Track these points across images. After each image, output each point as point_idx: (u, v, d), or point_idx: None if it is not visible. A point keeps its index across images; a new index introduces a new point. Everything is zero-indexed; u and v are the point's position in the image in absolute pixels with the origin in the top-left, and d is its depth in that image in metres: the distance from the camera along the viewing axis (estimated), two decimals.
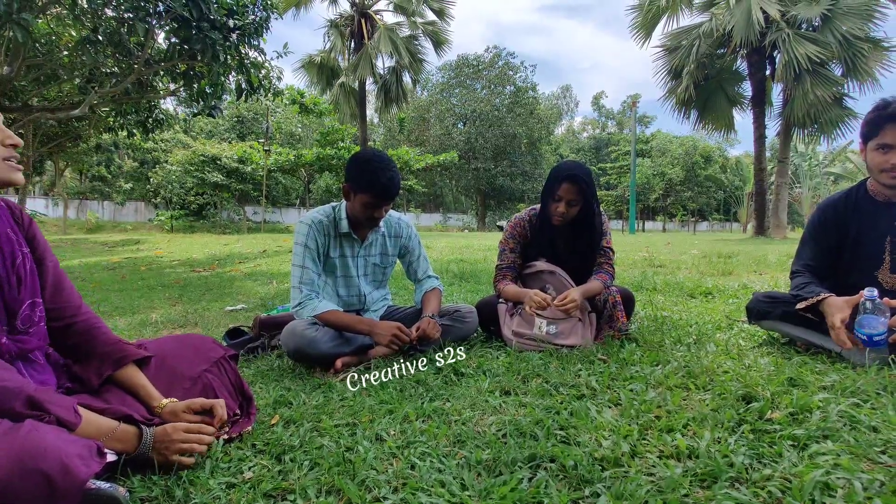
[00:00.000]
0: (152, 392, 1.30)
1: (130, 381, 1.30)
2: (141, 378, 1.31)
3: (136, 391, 1.29)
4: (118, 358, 1.29)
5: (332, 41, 18.46)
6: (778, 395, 1.51)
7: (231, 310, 3.81)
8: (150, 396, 1.30)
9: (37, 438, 0.91)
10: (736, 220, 43.84)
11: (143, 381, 1.31)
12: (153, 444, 1.18)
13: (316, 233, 2.19)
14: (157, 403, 1.29)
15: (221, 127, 33.08)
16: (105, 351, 1.29)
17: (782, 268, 5.32)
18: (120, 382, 1.29)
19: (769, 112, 15.11)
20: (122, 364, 1.29)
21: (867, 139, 2.02)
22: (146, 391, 1.30)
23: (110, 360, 1.28)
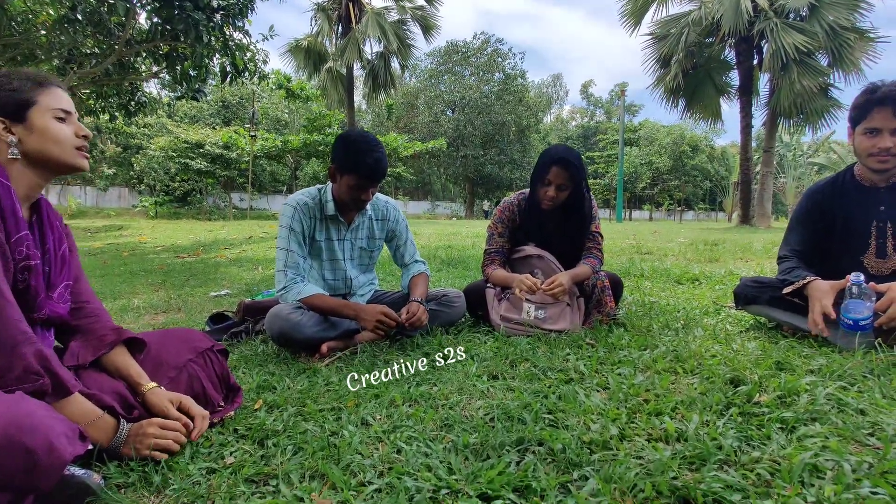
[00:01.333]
0: (140, 374, 1.31)
1: (120, 363, 1.31)
2: (130, 361, 1.33)
3: (126, 372, 1.30)
4: (113, 340, 1.33)
5: (319, 25, 18.16)
6: (766, 378, 1.51)
7: (215, 295, 3.76)
8: (138, 375, 1.30)
9: (26, 411, 0.91)
10: (721, 210, 44.28)
11: (133, 364, 1.33)
12: (126, 439, 1.16)
13: (301, 215, 2.15)
14: (145, 386, 1.28)
15: (206, 112, 32.51)
16: (104, 332, 1.34)
17: (768, 255, 5.36)
18: (110, 364, 1.31)
19: (756, 101, 15.19)
20: (117, 342, 1.33)
21: (855, 123, 2.02)
22: (135, 372, 1.31)
23: (107, 339, 1.33)
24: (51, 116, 1.22)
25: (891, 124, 1.90)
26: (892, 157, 1.92)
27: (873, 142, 1.94)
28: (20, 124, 1.19)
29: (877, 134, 1.93)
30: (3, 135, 1.18)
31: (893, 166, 1.95)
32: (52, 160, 1.23)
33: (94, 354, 1.29)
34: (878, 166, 1.96)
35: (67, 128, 1.25)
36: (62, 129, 1.24)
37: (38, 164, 1.22)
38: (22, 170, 1.20)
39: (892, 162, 1.93)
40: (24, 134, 1.19)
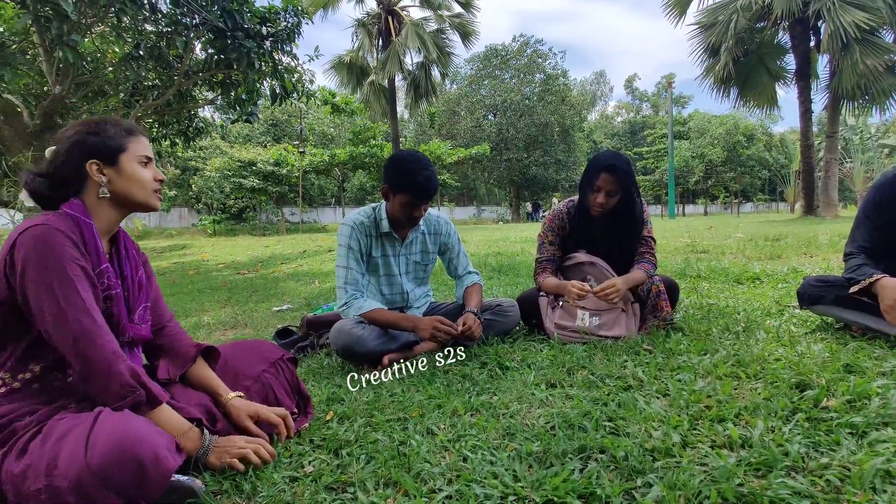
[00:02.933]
0: (220, 387, 1.43)
1: (202, 376, 1.45)
2: (210, 373, 1.47)
3: (208, 384, 1.43)
4: (195, 354, 1.46)
5: (360, 40, 18.62)
6: (834, 382, 1.48)
7: (278, 310, 3.94)
8: (218, 387, 1.43)
9: (135, 427, 1.04)
10: (783, 200, 42.02)
11: (213, 375, 1.46)
12: (212, 448, 1.27)
13: (358, 234, 2.25)
14: (224, 398, 1.41)
15: (257, 131, 33.86)
16: (185, 350, 1.47)
17: (835, 249, 5.11)
18: (193, 377, 1.44)
19: (815, 85, 14.43)
20: (198, 354, 1.46)
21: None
22: (215, 383, 1.44)
23: (190, 354, 1.46)
24: (137, 162, 1.35)
25: None
26: None
27: None
28: (112, 167, 1.32)
29: None
30: (96, 176, 1.30)
31: None
32: (134, 201, 1.35)
33: (181, 369, 1.43)
34: None
35: (148, 172, 1.38)
36: (145, 174, 1.37)
37: (121, 204, 1.35)
38: (106, 208, 1.33)
39: None
40: (114, 176, 1.32)
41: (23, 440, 1.05)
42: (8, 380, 1.17)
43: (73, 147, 1.29)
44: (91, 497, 0.96)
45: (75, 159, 1.29)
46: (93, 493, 0.96)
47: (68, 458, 0.97)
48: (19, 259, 1.13)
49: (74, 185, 1.30)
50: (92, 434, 1.00)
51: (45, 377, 1.21)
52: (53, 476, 0.96)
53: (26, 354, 1.19)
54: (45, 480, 0.96)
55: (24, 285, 1.13)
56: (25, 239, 1.14)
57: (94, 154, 1.30)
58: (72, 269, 1.16)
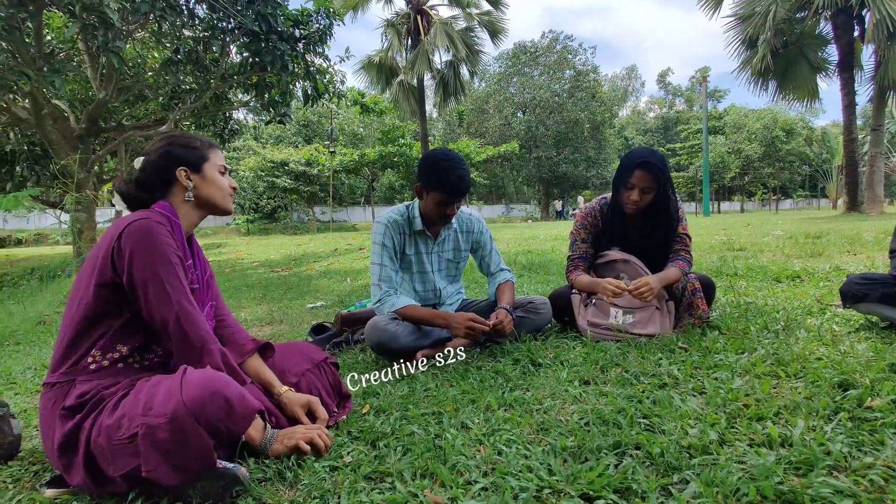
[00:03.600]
0: (274, 380, 1.53)
1: (257, 369, 1.54)
2: (264, 367, 1.56)
3: (262, 377, 1.52)
4: (252, 348, 1.57)
5: (389, 40, 18.75)
6: (878, 381, 1.44)
7: (312, 307, 4.03)
8: (272, 382, 1.52)
9: (220, 376, 1.20)
10: (824, 197, 40.55)
11: (267, 369, 1.56)
12: (275, 440, 1.34)
13: (392, 232, 2.29)
14: (278, 389, 1.50)
15: (289, 132, 34.52)
16: (243, 342, 1.58)
17: (880, 246, 4.92)
18: (248, 369, 1.53)
19: (859, 77, 13.85)
20: (256, 348, 1.57)
21: None
22: (269, 377, 1.53)
23: (248, 347, 1.57)
24: (216, 170, 1.52)
25: None
26: None
27: None
28: (197, 174, 1.48)
29: None
30: (184, 181, 1.46)
31: None
32: (214, 204, 1.51)
33: (240, 358, 1.52)
34: None
35: (226, 180, 1.55)
36: (224, 181, 1.54)
37: (203, 207, 1.51)
38: (189, 210, 1.48)
39: None
40: (199, 182, 1.48)
41: (114, 399, 1.18)
42: (98, 357, 1.28)
43: (163, 156, 1.45)
44: (184, 433, 1.07)
45: (165, 166, 1.45)
46: (186, 427, 1.07)
47: (164, 398, 1.10)
48: (127, 246, 1.25)
49: (162, 189, 1.45)
50: (184, 379, 1.14)
51: (130, 357, 1.33)
52: (149, 415, 1.08)
53: (117, 334, 1.30)
54: (140, 420, 1.08)
55: (131, 270, 1.25)
56: (133, 229, 1.26)
57: (183, 162, 1.46)
58: (173, 257, 1.31)
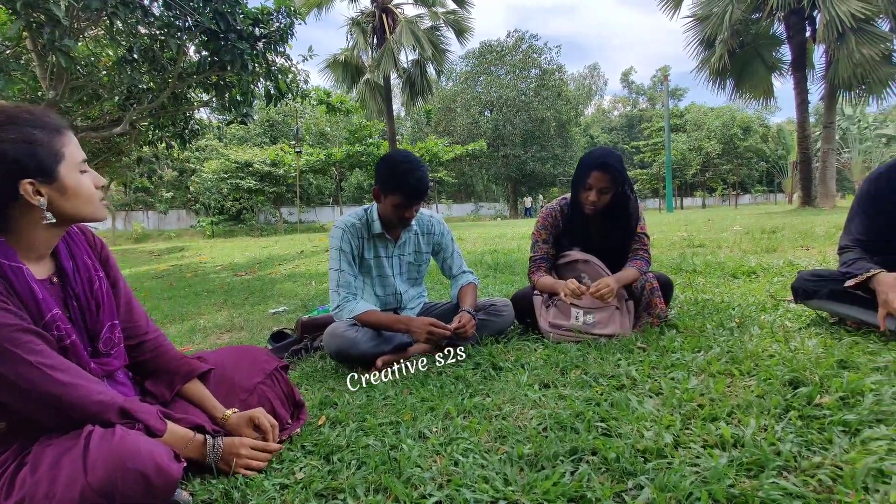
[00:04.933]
0: (216, 404, 1.39)
1: (196, 393, 1.39)
2: (204, 391, 1.41)
3: (201, 403, 1.38)
4: (186, 372, 1.38)
5: (354, 39, 18.56)
6: (827, 378, 1.47)
7: (274, 312, 3.93)
8: (214, 408, 1.39)
9: (129, 442, 1.01)
10: (781, 192, 42.04)
11: (207, 393, 1.41)
12: (222, 454, 1.26)
13: (350, 236, 2.24)
14: (221, 414, 1.38)
15: (253, 132, 33.84)
16: (173, 366, 1.37)
17: (831, 241, 5.10)
18: (186, 395, 1.38)
19: (811, 75, 14.41)
20: (189, 378, 1.38)
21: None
22: (210, 403, 1.39)
23: (179, 374, 1.37)
24: (77, 171, 1.10)
25: None
26: None
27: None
28: (50, 184, 1.04)
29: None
30: (32, 199, 1.01)
31: None
32: (82, 219, 1.13)
33: (171, 391, 1.36)
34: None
35: (89, 179, 1.13)
36: (89, 185, 1.13)
37: (65, 224, 1.13)
38: (41, 231, 1.08)
39: None
40: (56, 195, 1.05)
41: (7, 475, 0.99)
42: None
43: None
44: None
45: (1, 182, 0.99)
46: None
47: (67, 482, 0.93)
48: None
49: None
50: (88, 456, 0.96)
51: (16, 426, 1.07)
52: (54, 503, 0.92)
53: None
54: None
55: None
56: None
57: (27, 171, 1.01)
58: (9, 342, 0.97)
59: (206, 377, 1.45)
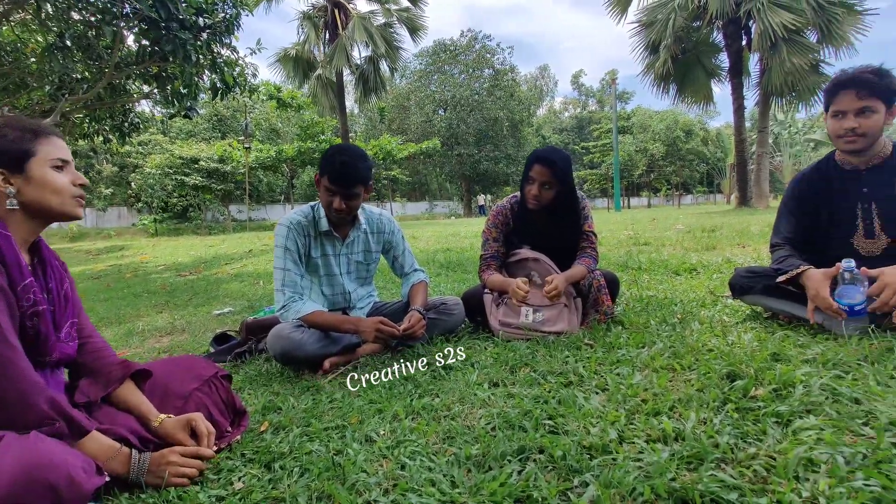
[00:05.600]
0: (150, 408, 1.33)
1: (129, 398, 1.33)
2: (139, 395, 1.35)
3: (135, 407, 1.32)
4: (121, 376, 1.34)
5: (305, 33, 18.18)
6: (762, 371, 1.53)
7: (218, 314, 3.78)
8: (148, 412, 1.33)
9: (43, 450, 0.97)
10: (720, 192, 44.19)
11: (141, 398, 1.35)
12: (148, 468, 1.19)
13: (295, 234, 2.17)
14: (154, 420, 1.31)
15: (200, 126, 32.62)
16: (110, 368, 1.35)
17: (765, 239, 5.37)
18: (119, 399, 1.33)
19: (747, 82, 15.18)
20: (125, 377, 1.34)
21: (826, 108, 2.06)
22: (145, 407, 1.33)
23: (115, 375, 1.34)
24: (49, 167, 1.24)
25: (854, 105, 1.93)
26: (859, 137, 1.95)
27: (840, 123, 1.98)
28: (19, 175, 1.21)
29: (842, 116, 1.97)
30: (1, 186, 1.19)
31: (862, 146, 1.97)
32: (49, 211, 1.25)
33: (104, 391, 1.31)
34: (847, 147, 2.00)
35: (65, 177, 1.27)
36: (60, 180, 1.25)
37: (37, 214, 1.25)
38: (20, 219, 1.22)
39: (860, 142, 1.96)
40: (23, 185, 1.21)
41: None
42: None
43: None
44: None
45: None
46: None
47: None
48: None
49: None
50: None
51: None
52: None
53: None
54: None
55: None
56: None
57: None
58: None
59: (142, 381, 1.39)
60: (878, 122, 1.93)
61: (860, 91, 1.92)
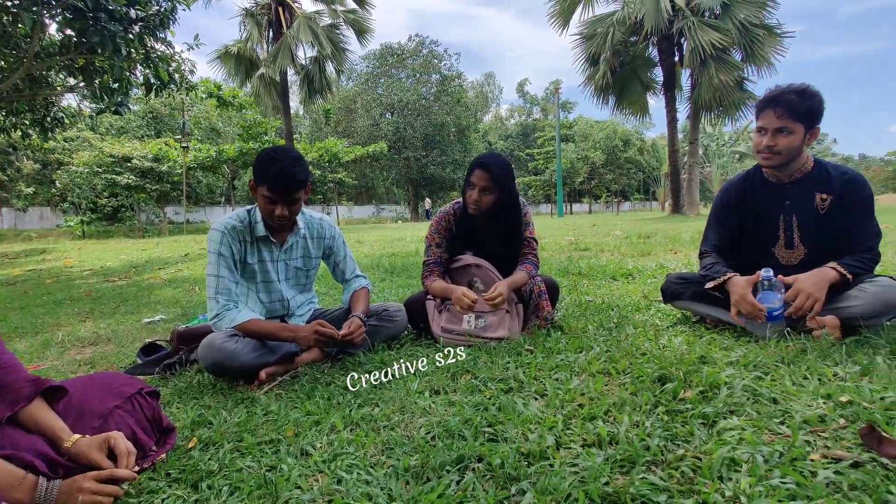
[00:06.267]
0: (63, 428, 1.23)
1: (39, 417, 1.23)
2: (50, 414, 1.25)
3: (46, 427, 1.22)
4: (30, 394, 1.23)
5: (248, 31, 17.60)
6: (690, 374, 1.59)
7: (149, 322, 3.58)
8: (60, 433, 1.22)
9: None
10: (655, 199, 46.40)
11: (52, 417, 1.25)
12: (57, 497, 1.10)
13: (230, 239, 2.08)
14: (67, 441, 1.21)
15: (134, 124, 30.95)
16: (19, 385, 1.23)
17: (695, 245, 5.66)
18: (28, 419, 1.22)
19: (679, 96, 16.01)
20: (35, 394, 1.23)
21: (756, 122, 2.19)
22: (57, 427, 1.23)
23: (24, 393, 1.22)
24: None
25: (774, 124, 2.05)
26: (774, 155, 2.07)
27: (760, 139, 2.10)
28: None
29: (764, 133, 2.09)
30: None
31: (777, 163, 2.10)
32: None
33: (9, 410, 1.20)
34: (764, 162, 2.13)
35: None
36: None
37: None
38: None
39: (775, 159, 2.08)
40: None
41: None
42: None
43: None
44: None
45: None
46: None
47: None
48: None
49: None
50: None
51: None
52: None
53: None
54: None
55: None
56: None
57: None
58: None
59: (55, 399, 1.28)
60: (793, 141, 2.04)
61: (781, 111, 2.03)
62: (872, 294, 1.90)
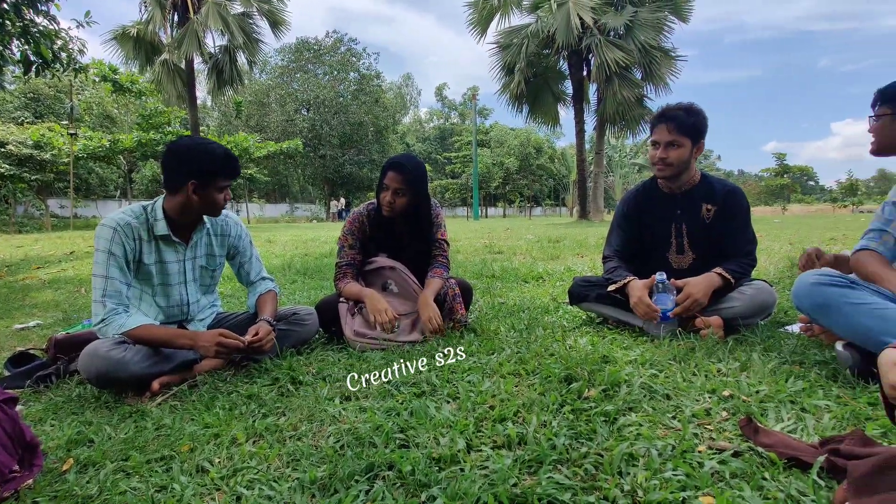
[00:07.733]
0: None
1: None
2: None
3: None
4: None
5: (150, 12, 16.34)
6: (594, 373, 1.66)
7: (21, 328, 3.19)
8: None
9: None
10: (564, 205, 48.77)
11: None
12: None
13: (123, 237, 1.90)
14: None
15: (10, 105, 27.63)
16: None
17: (599, 249, 5.98)
18: None
19: (587, 108, 16.97)
20: None
21: (650, 138, 2.35)
22: None
23: None
24: None
25: (666, 138, 2.22)
26: (667, 167, 2.25)
27: (654, 152, 2.27)
28: None
29: (657, 146, 2.25)
30: None
31: (669, 174, 2.27)
32: None
33: None
34: (658, 173, 2.30)
35: None
36: None
37: None
38: None
39: (668, 171, 2.26)
40: None
41: None
42: None
43: None
44: None
45: None
46: None
47: None
48: None
49: None
50: None
51: None
52: None
53: None
54: None
55: None
56: None
57: None
58: None
59: None
60: (682, 154, 2.22)
61: (672, 125, 2.20)
62: (749, 296, 2.11)
